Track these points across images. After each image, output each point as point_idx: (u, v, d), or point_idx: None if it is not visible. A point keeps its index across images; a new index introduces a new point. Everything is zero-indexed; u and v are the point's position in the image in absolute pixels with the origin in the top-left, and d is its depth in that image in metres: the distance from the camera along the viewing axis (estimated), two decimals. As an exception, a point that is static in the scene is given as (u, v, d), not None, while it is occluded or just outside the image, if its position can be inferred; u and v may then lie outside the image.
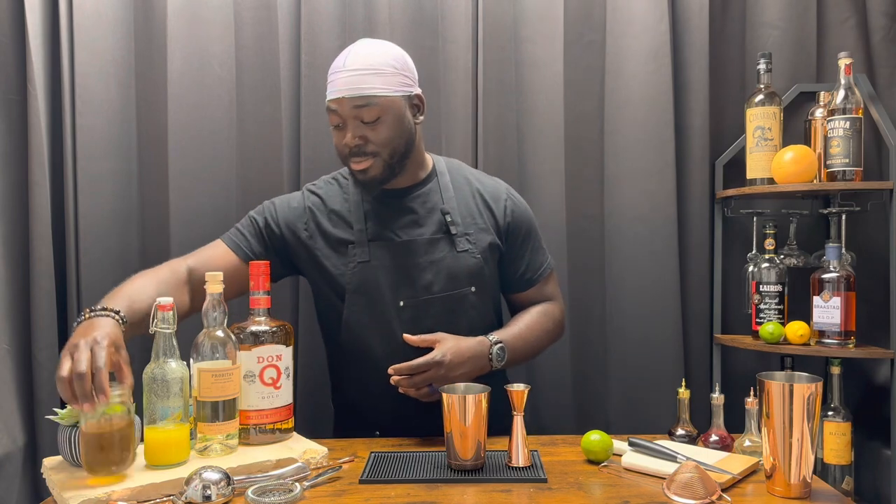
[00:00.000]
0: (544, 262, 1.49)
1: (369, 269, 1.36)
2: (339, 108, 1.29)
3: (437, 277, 1.36)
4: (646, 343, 1.81)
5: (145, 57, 1.75)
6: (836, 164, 1.65)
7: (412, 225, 1.39)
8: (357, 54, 1.31)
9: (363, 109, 1.28)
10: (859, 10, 1.83)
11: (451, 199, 1.41)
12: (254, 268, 1.22)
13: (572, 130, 1.82)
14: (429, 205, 1.40)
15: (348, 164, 1.35)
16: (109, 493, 0.98)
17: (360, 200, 1.40)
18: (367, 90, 1.28)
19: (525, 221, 1.47)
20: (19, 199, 1.60)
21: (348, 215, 1.39)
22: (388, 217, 1.39)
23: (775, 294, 1.73)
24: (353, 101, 1.28)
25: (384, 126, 1.30)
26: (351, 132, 1.30)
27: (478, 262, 1.39)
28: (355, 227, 1.38)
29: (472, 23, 1.80)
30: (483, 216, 1.42)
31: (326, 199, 1.43)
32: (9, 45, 1.57)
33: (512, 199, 1.46)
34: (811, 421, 0.99)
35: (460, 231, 1.39)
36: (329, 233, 1.39)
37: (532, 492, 1.04)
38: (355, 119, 1.29)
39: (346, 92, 1.28)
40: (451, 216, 1.39)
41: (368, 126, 1.30)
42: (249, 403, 1.19)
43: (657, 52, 1.79)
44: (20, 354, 1.57)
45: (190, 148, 1.74)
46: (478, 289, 1.39)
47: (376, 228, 1.38)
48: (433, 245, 1.38)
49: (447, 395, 1.12)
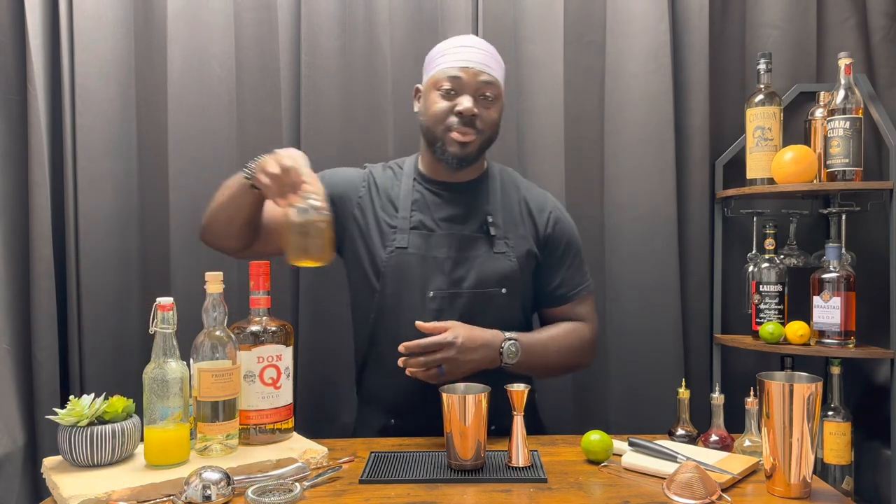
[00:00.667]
0: (581, 283, 1.47)
1: (405, 256, 1.38)
2: (464, 76, 1.34)
3: (470, 274, 1.37)
4: (646, 343, 1.81)
5: (145, 57, 1.75)
6: (836, 164, 1.65)
7: (455, 220, 1.41)
8: (481, 41, 1.41)
9: (488, 86, 1.36)
10: (859, 10, 1.82)
11: (496, 202, 1.44)
12: (254, 268, 1.22)
13: (572, 130, 1.82)
14: (475, 204, 1.43)
15: (447, 136, 1.36)
16: (109, 493, 0.98)
17: (411, 189, 1.44)
18: (493, 70, 1.38)
19: (566, 236, 1.47)
20: (19, 199, 1.60)
21: (396, 201, 1.43)
22: (434, 209, 1.42)
23: (775, 294, 1.73)
24: (481, 76, 1.35)
25: (495, 109, 1.39)
26: (469, 101, 1.34)
27: (512, 266, 1.39)
28: (400, 214, 1.41)
29: (472, 23, 1.80)
30: (525, 224, 1.44)
31: (380, 181, 1.47)
32: (9, 45, 1.58)
33: (557, 213, 1.48)
34: (811, 421, 0.99)
35: (500, 234, 1.40)
36: (377, 213, 1.43)
37: (532, 492, 1.04)
38: (477, 91, 1.36)
39: (477, 65, 1.35)
40: (494, 218, 1.41)
41: (484, 103, 1.37)
42: (249, 403, 1.19)
43: (657, 52, 1.79)
44: (20, 354, 1.57)
45: (190, 148, 1.74)
46: (508, 291, 1.39)
47: (420, 218, 1.41)
48: (471, 242, 1.39)
49: (447, 395, 1.12)
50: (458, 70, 1.34)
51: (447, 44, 1.40)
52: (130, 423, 1.10)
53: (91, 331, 1.69)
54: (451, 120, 1.35)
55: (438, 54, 1.40)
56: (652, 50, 1.80)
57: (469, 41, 1.39)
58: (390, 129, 1.81)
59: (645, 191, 1.82)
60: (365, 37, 1.81)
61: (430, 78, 1.39)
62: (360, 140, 1.81)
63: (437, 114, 1.36)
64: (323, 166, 1.78)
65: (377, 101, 1.81)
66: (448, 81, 1.35)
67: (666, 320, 1.81)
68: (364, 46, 1.81)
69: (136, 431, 1.11)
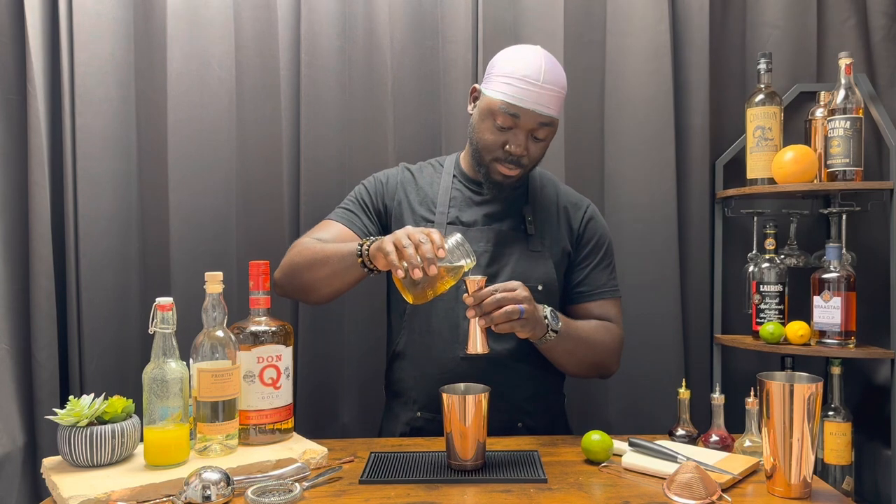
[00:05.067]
0: (608, 284, 1.47)
1: None
2: (521, 116, 1.31)
3: (505, 269, 1.38)
4: (646, 343, 1.81)
5: (145, 57, 1.75)
6: (837, 164, 1.65)
7: (492, 217, 1.42)
8: (551, 71, 1.33)
9: (543, 128, 1.34)
10: (859, 10, 1.82)
11: (535, 201, 1.46)
12: (254, 268, 1.22)
13: (572, 130, 1.82)
14: (513, 203, 1.44)
15: (493, 165, 1.37)
16: (109, 493, 0.98)
17: (450, 186, 1.45)
18: (553, 111, 1.34)
19: (598, 235, 1.47)
20: (19, 199, 1.60)
21: (435, 197, 1.45)
22: (472, 206, 1.44)
23: (775, 294, 1.73)
24: (541, 119, 1.33)
25: (544, 144, 1.38)
26: (520, 143, 1.33)
27: (548, 265, 1.40)
28: (438, 209, 1.43)
29: (472, 23, 1.80)
30: (561, 223, 1.45)
31: (419, 177, 1.49)
32: (9, 45, 1.57)
33: (592, 212, 1.49)
34: (811, 421, 0.99)
35: (537, 233, 1.42)
36: (415, 208, 1.45)
37: (532, 492, 1.04)
38: (529, 132, 1.34)
39: (538, 107, 1.31)
40: (531, 217, 1.42)
41: (535, 141, 1.35)
42: (249, 403, 1.19)
43: (657, 51, 1.79)
44: (20, 354, 1.57)
45: (190, 148, 1.74)
46: (545, 289, 1.38)
47: (458, 213, 1.43)
48: (508, 238, 1.41)
49: (447, 396, 1.12)
50: (517, 110, 1.31)
51: (518, 67, 1.32)
52: (130, 424, 1.10)
53: (91, 331, 1.68)
54: (499, 153, 1.35)
55: (506, 74, 1.33)
56: (652, 49, 1.80)
57: (538, 75, 1.31)
58: (390, 129, 1.81)
59: (645, 191, 1.82)
60: (365, 36, 1.81)
61: (488, 100, 1.34)
62: (359, 140, 1.81)
63: (488, 144, 1.36)
64: (322, 166, 1.79)
65: (377, 101, 1.81)
66: (504, 118, 1.32)
67: (666, 320, 1.81)
68: (364, 46, 1.81)
69: (135, 431, 1.11)
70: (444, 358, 1.37)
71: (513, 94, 1.31)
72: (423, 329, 1.41)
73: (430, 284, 1.16)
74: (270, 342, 1.21)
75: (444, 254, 1.12)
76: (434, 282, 1.15)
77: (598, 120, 1.85)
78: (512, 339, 1.33)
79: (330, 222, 1.45)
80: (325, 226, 1.45)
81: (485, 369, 1.32)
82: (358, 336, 1.80)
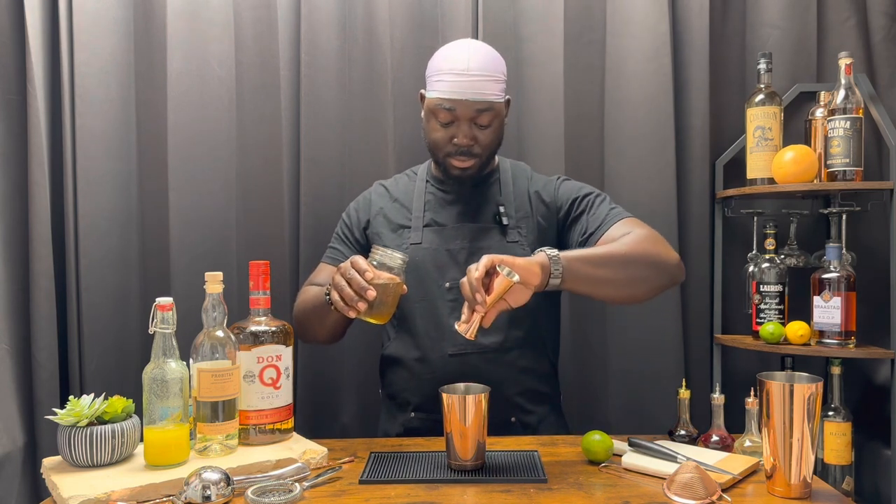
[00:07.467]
0: (611, 213, 1.39)
1: (420, 251, 1.42)
2: (457, 108, 1.35)
3: None
4: (646, 343, 1.81)
5: (145, 57, 1.75)
6: (837, 164, 1.65)
7: (467, 214, 1.45)
8: (476, 58, 1.36)
9: (483, 114, 1.36)
10: (859, 10, 1.82)
11: (508, 193, 1.47)
12: (254, 268, 1.22)
13: (572, 130, 1.82)
14: (486, 197, 1.47)
15: (447, 161, 1.41)
16: (109, 494, 0.98)
17: (424, 191, 1.49)
18: (489, 96, 1.36)
19: (576, 188, 1.46)
20: (19, 199, 1.60)
21: (410, 203, 1.48)
22: (446, 206, 1.46)
23: (775, 294, 1.73)
24: (476, 105, 1.35)
25: (492, 130, 1.39)
26: (464, 133, 1.37)
27: (525, 255, 1.36)
28: (413, 214, 1.46)
29: (472, 22, 1.80)
30: (535, 208, 1.46)
31: (392, 188, 1.53)
32: (9, 45, 1.57)
33: (562, 179, 1.50)
34: (811, 421, 0.99)
35: (512, 223, 1.43)
36: (390, 217, 1.48)
37: (532, 492, 1.04)
38: (470, 121, 1.37)
39: (469, 95, 1.34)
40: (505, 209, 1.44)
41: (479, 129, 1.38)
42: (249, 403, 1.19)
43: (657, 51, 1.79)
44: (20, 354, 1.57)
45: (190, 148, 1.74)
46: None
47: (432, 216, 1.46)
48: (483, 233, 1.43)
49: (447, 396, 1.12)
50: (451, 103, 1.35)
51: (445, 62, 1.36)
52: (130, 424, 1.10)
53: (91, 331, 1.68)
54: (449, 148, 1.39)
55: (437, 72, 1.38)
56: (652, 49, 1.80)
57: (463, 64, 1.34)
58: (390, 129, 1.81)
59: (645, 191, 1.82)
60: (365, 36, 1.81)
61: (428, 100, 1.40)
62: (359, 139, 1.81)
63: (437, 142, 1.41)
64: (322, 166, 1.79)
65: (377, 101, 1.81)
66: (443, 113, 1.37)
67: (666, 320, 1.81)
68: (364, 45, 1.81)
69: (135, 431, 1.11)
70: (432, 358, 1.39)
71: (444, 89, 1.35)
72: (409, 332, 1.43)
73: (382, 301, 1.18)
74: (270, 342, 1.21)
75: (372, 275, 1.16)
76: (384, 297, 1.18)
77: (598, 120, 1.85)
78: (500, 332, 1.36)
79: (323, 266, 1.52)
80: (319, 270, 1.52)
81: (475, 365, 1.36)
82: (358, 336, 1.79)
